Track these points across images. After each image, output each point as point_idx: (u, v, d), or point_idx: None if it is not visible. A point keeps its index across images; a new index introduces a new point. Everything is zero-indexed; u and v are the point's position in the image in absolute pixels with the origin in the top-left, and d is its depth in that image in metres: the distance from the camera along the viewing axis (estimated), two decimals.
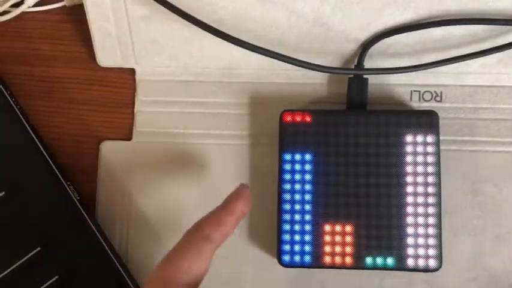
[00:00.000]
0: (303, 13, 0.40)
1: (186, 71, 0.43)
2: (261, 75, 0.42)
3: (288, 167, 0.39)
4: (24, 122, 0.42)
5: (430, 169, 0.38)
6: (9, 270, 0.40)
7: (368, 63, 0.41)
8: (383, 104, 0.41)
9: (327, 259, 0.38)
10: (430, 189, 0.38)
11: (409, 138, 0.38)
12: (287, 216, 0.38)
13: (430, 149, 0.38)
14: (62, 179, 0.41)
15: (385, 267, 0.38)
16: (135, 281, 0.41)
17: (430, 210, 0.38)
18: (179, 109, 0.43)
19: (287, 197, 0.38)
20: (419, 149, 0.38)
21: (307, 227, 0.38)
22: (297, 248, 0.38)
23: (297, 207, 0.38)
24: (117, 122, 0.44)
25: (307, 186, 0.38)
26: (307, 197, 0.38)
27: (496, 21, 0.39)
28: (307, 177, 0.39)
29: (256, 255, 0.41)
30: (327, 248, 0.38)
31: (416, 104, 0.41)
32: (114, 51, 0.43)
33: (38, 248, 0.40)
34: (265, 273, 0.41)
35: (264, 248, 0.41)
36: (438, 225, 0.37)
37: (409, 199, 0.38)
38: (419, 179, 0.38)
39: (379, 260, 0.37)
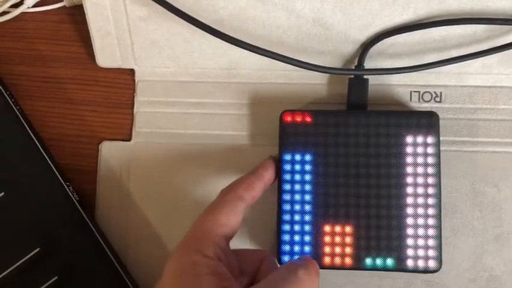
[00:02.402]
0: (302, 13, 0.40)
1: (185, 72, 0.43)
2: (261, 76, 0.42)
3: (288, 167, 0.39)
4: (24, 122, 0.42)
5: (430, 170, 0.38)
6: (8, 270, 0.40)
7: (368, 64, 0.41)
8: (383, 104, 0.41)
9: (327, 260, 0.38)
10: (430, 190, 0.38)
11: (409, 139, 0.38)
12: (287, 217, 0.38)
13: (430, 149, 0.38)
14: (61, 179, 0.41)
15: (384, 268, 0.37)
16: (135, 281, 0.41)
17: (430, 211, 0.37)
18: (179, 110, 0.43)
19: (287, 197, 0.38)
20: (420, 149, 0.38)
21: (307, 228, 0.38)
22: (296, 248, 0.38)
23: (297, 207, 0.38)
24: (116, 123, 0.44)
25: (307, 187, 0.38)
26: (307, 197, 0.38)
27: (496, 21, 0.39)
28: (307, 177, 0.39)
29: None
30: (327, 249, 0.38)
31: (416, 105, 0.41)
32: (113, 52, 0.43)
33: (38, 249, 0.40)
34: None
35: (264, 248, 0.41)
36: (438, 226, 0.37)
37: (409, 200, 0.38)
38: (419, 180, 0.38)
39: (378, 261, 0.37)
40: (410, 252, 0.37)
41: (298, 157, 0.39)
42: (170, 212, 0.42)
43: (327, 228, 0.38)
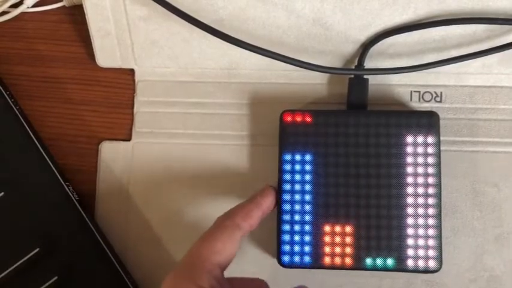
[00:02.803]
0: (302, 13, 0.40)
1: (185, 72, 0.43)
2: (261, 76, 0.42)
3: (288, 167, 0.39)
4: (24, 122, 0.42)
5: (430, 170, 0.38)
6: (8, 270, 0.40)
7: (368, 64, 0.41)
8: (383, 104, 0.41)
9: (327, 260, 0.38)
10: (430, 190, 0.38)
11: (409, 138, 0.38)
12: (287, 217, 0.38)
13: (430, 149, 0.38)
14: (61, 179, 0.41)
15: (385, 268, 0.37)
16: (134, 281, 0.41)
17: (430, 211, 0.37)
18: (179, 110, 0.43)
19: (287, 197, 0.38)
20: (420, 149, 0.38)
21: (307, 228, 0.38)
22: (296, 248, 0.38)
23: (297, 207, 0.38)
24: (116, 123, 0.44)
25: (307, 187, 0.38)
26: (307, 197, 0.38)
27: (496, 21, 0.39)
28: (307, 177, 0.38)
29: (256, 256, 0.41)
30: (327, 249, 0.38)
31: (416, 105, 0.41)
32: (113, 52, 0.43)
33: (37, 249, 0.40)
34: (265, 273, 0.41)
35: (264, 248, 0.41)
36: (438, 226, 0.37)
37: (409, 200, 0.38)
38: (420, 180, 0.38)
39: (379, 261, 0.37)
40: (410, 252, 0.37)
41: (298, 157, 0.39)
42: (170, 212, 0.42)
43: (327, 228, 0.38)
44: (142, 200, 0.43)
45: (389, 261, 0.37)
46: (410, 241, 0.37)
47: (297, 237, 0.38)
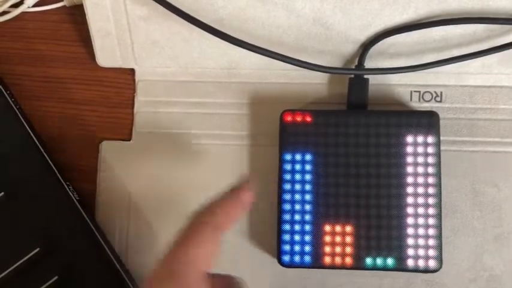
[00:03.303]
0: (303, 13, 0.40)
1: (185, 71, 0.43)
2: (261, 76, 0.42)
3: (288, 167, 0.39)
4: (24, 122, 0.42)
5: (430, 170, 0.38)
6: (8, 270, 0.40)
7: (368, 64, 0.41)
8: (383, 104, 0.41)
9: (327, 259, 0.38)
10: (430, 190, 0.38)
11: (409, 138, 0.38)
12: (287, 216, 0.38)
13: (430, 149, 0.38)
14: (61, 179, 0.41)
15: (385, 268, 0.38)
16: (134, 281, 0.41)
17: (430, 211, 0.38)
18: (179, 109, 0.43)
19: (287, 197, 0.38)
20: (420, 149, 0.38)
21: (307, 227, 0.38)
22: (297, 248, 0.38)
23: (297, 207, 0.38)
24: (116, 122, 0.44)
25: (307, 187, 0.38)
26: (308, 197, 0.38)
27: (496, 21, 0.39)
28: (308, 177, 0.39)
29: (256, 255, 0.41)
30: (327, 249, 0.38)
31: (416, 105, 0.41)
32: (113, 52, 0.43)
33: (38, 249, 0.40)
34: (265, 273, 0.41)
35: (264, 248, 0.41)
36: (438, 226, 0.37)
37: (409, 200, 0.38)
38: (420, 180, 0.38)
39: (379, 261, 0.37)
40: (410, 251, 0.37)
41: (298, 157, 0.39)
42: (170, 212, 0.42)
43: (327, 228, 0.38)
44: (142, 199, 0.43)
45: (390, 261, 0.37)
46: (410, 241, 0.37)
47: (297, 237, 0.38)
